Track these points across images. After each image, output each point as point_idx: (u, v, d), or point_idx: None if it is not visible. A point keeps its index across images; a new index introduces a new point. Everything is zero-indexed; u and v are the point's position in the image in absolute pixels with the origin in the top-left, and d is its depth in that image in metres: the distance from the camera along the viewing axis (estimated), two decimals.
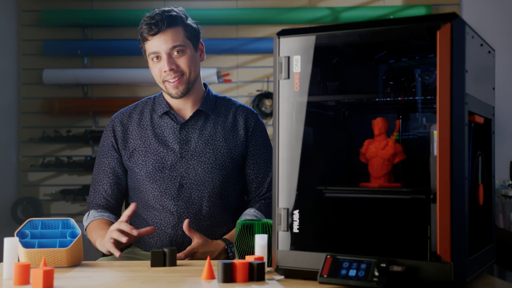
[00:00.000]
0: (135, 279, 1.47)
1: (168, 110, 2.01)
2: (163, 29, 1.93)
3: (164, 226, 1.96)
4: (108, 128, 2.07)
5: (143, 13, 2.03)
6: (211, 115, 2.03)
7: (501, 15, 4.37)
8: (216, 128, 2.02)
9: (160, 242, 1.97)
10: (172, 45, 1.94)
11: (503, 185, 3.57)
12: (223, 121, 2.04)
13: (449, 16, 1.30)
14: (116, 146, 2.03)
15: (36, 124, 4.47)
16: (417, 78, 1.52)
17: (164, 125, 2.01)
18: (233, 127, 2.04)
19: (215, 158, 1.98)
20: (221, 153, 1.99)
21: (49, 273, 1.35)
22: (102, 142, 2.07)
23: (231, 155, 2.00)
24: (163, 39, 1.94)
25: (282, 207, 1.47)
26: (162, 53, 1.94)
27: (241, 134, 2.03)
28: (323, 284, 1.37)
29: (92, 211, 2.03)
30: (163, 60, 1.95)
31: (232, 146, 2.01)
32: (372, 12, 4.37)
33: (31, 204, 4.38)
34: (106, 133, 2.07)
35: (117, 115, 2.08)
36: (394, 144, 1.51)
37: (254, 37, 4.45)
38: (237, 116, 2.06)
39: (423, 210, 1.34)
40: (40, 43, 4.46)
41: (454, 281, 1.27)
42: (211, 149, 1.98)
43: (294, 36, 1.48)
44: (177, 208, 1.95)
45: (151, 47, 1.96)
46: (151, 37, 1.95)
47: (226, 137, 2.01)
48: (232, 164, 2.00)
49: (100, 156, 2.06)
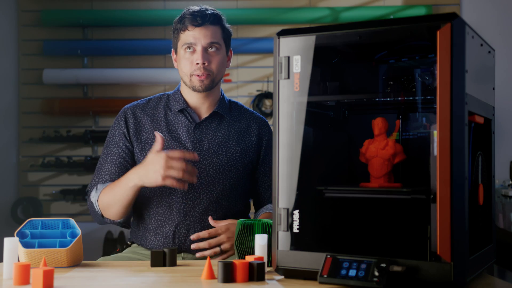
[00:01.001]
0: (135, 279, 1.47)
1: (185, 107, 2.02)
2: (206, 24, 1.97)
3: (168, 223, 1.96)
4: (120, 118, 2.04)
5: (143, 13, 2.04)
6: (226, 117, 2.04)
7: (501, 15, 4.37)
8: (230, 131, 2.04)
9: (162, 239, 1.97)
10: (211, 41, 1.97)
11: (503, 185, 3.57)
12: (237, 125, 2.06)
13: (449, 16, 1.30)
14: (128, 136, 2.01)
15: (36, 124, 4.47)
16: (417, 78, 1.52)
17: (179, 123, 2.02)
18: (246, 132, 2.06)
19: (227, 161, 1.99)
20: (233, 156, 2.01)
21: (49, 273, 1.35)
22: (113, 131, 2.04)
23: (243, 159, 2.02)
24: (203, 32, 1.96)
25: (282, 207, 1.47)
26: (198, 46, 1.96)
27: (253, 140, 2.06)
28: (323, 284, 1.37)
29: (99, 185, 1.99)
30: (197, 53, 1.96)
31: (244, 150, 2.03)
32: (372, 12, 4.37)
33: (31, 204, 4.39)
34: (117, 123, 2.04)
35: (130, 106, 2.06)
36: (394, 144, 1.51)
37: (254, 37, 4.46)
38: (251, 122, 2.09)
39: (423, 210, 1.34)
40: (40, 43, 4.47)
41: (454, 281, 1.27)
42: (224, 151, 2.00)
43: (294, 36, 1.48)
44: (184, 206, 1.96)
45: (188, 37, 1.97)
46: (193, 27, 1.96)
47: (239, 141, 2.03)
48: (243, 168, 2.02)
49: (110, 146, 2.03)
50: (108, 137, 2.05)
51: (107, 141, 2.05)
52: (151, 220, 1.98)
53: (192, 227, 1.96)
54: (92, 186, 2.02)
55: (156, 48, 4.40)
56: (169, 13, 4.37)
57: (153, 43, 4.42)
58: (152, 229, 1.98)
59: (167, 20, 4.38)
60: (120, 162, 2.00)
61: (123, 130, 2.02)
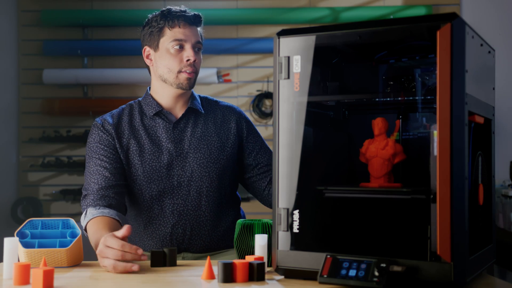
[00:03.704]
0: (135, 279, 1.47)
1: (160, 109, 2.01)
2: (194, 24, 2.01)
3: (163, 226, 1.96)
4: (96, 127, 2.00)
5: (143, 13, 2.04)
6: (201, 112, 2.05)
7: (501, 15, 4.37)
8: (207, 124, 2.05)
9: (160, 242, 1.97)
10: (197, 40, 2.00)
11: (503, 185, 3.57)
12: (213, 117, 2.07)
13: (449, 16, 1.30)
14: (111, 140, 1.98)
15: (36, 124, 4.47)
16: (417, 78, 1.52)
17: (156, 126, 2.02)
18: (223, 122, 2.07)
19: (210, 153, 2.01)
20: (215, 147, 2.02)
21: (49, 273, 1.35)
22: (92, 141, 1.98)
23: (225, 148, 2.03)
24: (193, 32, 2.00)
25: (282, 207, 1.47)
26: (187, 44, 1.97)
27: (232, 127, 2.07)
28: (323, 284, 1.37)
29: (90, 208, 1.90)
30: (188, 50, 1.97)
31: (224, 139, 2.04)
32: (372, 12, 4.37)
33: (31, 204, 4.38)
34: (95, 132, 1.99)
35: (104, 117, 2.03)
36: (394, 144, 1.51)
37: (254, 37, 4.45)
38: (225, 112, 2.10)
39: (423, 210, 1.34)
40: (40, 43, 4.47)
41: (454, 281, 1.27)
42: (205, 145, 2.01)
43: (294, 36, 1.48)
44: (176, 206, 1.96)
45: (178, 34, 1.97)
46: (185, 25, 1.98)
47: (217, 131, 2.05)
48: (226, 157, 2.03)
49: (92, 155, 1.97)
50: (89, 148, 1.99)
51: (88, 153, 1.99)
52: (146, 225, 1.98)
53: (188, 225, 1.96)
54: (84, 197, 1.94)
55: None
56: None
57: None
58: (148, 234, 1.98)
59: None
60: (106, 171, 1.94)
61: (105, 137, 1.97)
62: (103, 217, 1.83)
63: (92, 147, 1.99)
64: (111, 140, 1.98)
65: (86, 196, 1.93)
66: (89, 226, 1.84)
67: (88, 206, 1.90)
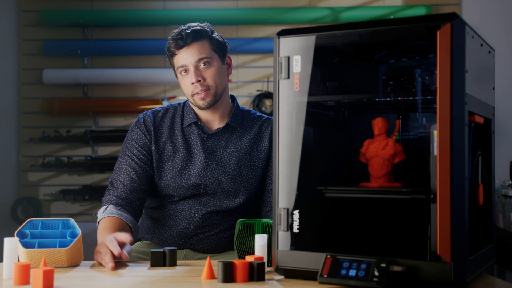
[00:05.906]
0: (135, 279, 1.47)
1: (195, 120, 2.03)
2: (189, 43, 1.97)
3: (179, 218, 2.01)
4: (137, 124, 2.04)
5: (143, 13, 2.04)
6: (239, 129, 2.05)
7: (501, 15, 4.37)
8: (242, 141, 2.05)
9: (170, 233, 2.01)
10: (199, 57, 1.96)
11: (503, 185, 3.57)
12: (249, 134, 2.06)
13: (449, 16, 1.30)
14: (148, 141, 2.02)
15: (36, 124, 4.47)
16: (417, 78, 1.52)
17: (192, 133, 2.04)
18: (257, 139, 2.06)
19: (239, 170, 2.01)
20: (245, 165, 2.02)
21: (49, 273, 1.35)
22: (130, 138, 2.04)
23: (254, 167, 2.03)
24: (190, 52, 1.97)
25: (282, 207, 1.47)
26: (189, 66, 1.97)
27: (265, 145, 2.06)
28: (323, 284, 1.37)
29: (111, 206, 1.96)
30: (190, 73, 1.97)
31: (256, 159, 2.04)
32: (372, 12, 4.37)
33: (31, 204, 4.38)
34: (135, 129, 2.04)
35: (149, 114, 2.07)
36: (394, 144, 1.51)
37: (254, 37, 4.45)
38: (262, 128, 2.08)
39: (423, 210, 1.34)
40: (40, 43, 4.47)
41: (454, 281, 1.27)
42: (235, 161, 2.01)
43: (294, 36, 1.48)
44: (199, 211, 2.00)
45: (179, 61, 1.98)
46: (178, 51, 1.98)
47: (250, 149, 2.04)
48: (255, 177, 2.03)
49: (126, 152, 2.02)
50: (127, 140, 2.05)
51: (124, 145, 2.05)
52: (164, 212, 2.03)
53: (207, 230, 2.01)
54: (108, 191, 2.01)
55: (156, 48, 4.40)
56: (169, 13, 4.37)
57: (153, 43, 4.41)
58: (162, 233, 2.04)
59: (167, 20, 4.38)
60: (135, 169, 2.00)
61: (143, 134, 2.02)
62: (120, 219, 1.91)
63: (128, 143, 2.04)
64: (147, 141, 2.02)
65: (110, 191, 2.00)
66: (104, 221, 1.91)
67: (109, 203, 1.97)
